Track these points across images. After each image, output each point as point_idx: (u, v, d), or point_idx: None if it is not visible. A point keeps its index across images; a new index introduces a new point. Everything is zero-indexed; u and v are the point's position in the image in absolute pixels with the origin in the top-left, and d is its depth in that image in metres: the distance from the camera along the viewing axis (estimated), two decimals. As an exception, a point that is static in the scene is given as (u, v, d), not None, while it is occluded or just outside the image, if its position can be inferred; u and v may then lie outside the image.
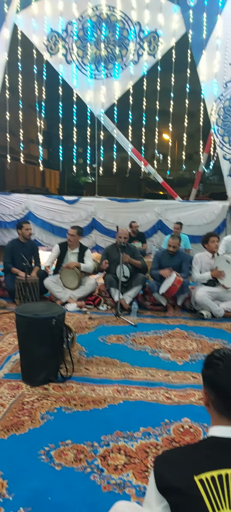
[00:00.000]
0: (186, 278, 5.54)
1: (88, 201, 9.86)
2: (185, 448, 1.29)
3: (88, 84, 9.83)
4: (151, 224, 9.40)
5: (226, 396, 1.28)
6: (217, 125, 9.54)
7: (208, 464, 1.18)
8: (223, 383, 1.28)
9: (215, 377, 1.30)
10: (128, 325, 4.91)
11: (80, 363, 3.72)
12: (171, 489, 1.17)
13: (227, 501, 1.12)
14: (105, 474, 2.22)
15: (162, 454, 1.30)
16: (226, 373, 1.28)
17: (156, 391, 3.21)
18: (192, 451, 1.27)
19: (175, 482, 1.17)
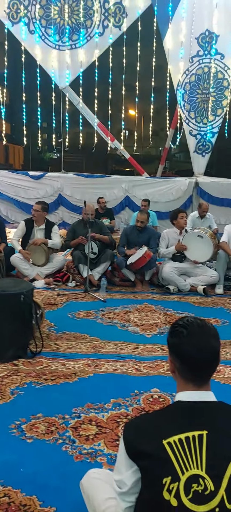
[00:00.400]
0: (154, 253, 5.63)
1: (54, 176, 9.68)
2: (153, 414, 1.34)
3: (52, 55, 9.51)
4: (118, 200, 9.40)
5: (190, 362, 1.32)
6: (183, 100, 9.58)
7: (175, 428, 1.22)
8: (186, 350, 1.32)
9: (179, 344, 1.34)
10: (97, 300, 4.93)
11: (50, 338, 3.71)
12: (140, 454, 1.21)
13: (194, 461, 1.17)
14: (77, 444, 2.26)
15: (130, 421, 1.33)
16: (189, 340, 1.31)
17: (125, 364, 3.27)
18: (159, 416, 1.31)
19: (144, 447, 1.21)
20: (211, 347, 1.31)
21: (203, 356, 1.30)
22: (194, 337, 1.31)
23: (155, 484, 1.16)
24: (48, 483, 1.95)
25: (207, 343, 1.31)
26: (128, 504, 1.25)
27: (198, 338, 1.31)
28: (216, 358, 1.34)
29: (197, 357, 1.30)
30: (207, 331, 1.34)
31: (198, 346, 1.30)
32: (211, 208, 8.85)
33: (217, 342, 1.34)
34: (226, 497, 1.13)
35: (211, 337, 1.33)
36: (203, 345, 1.30)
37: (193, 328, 1.34)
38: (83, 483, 1.60)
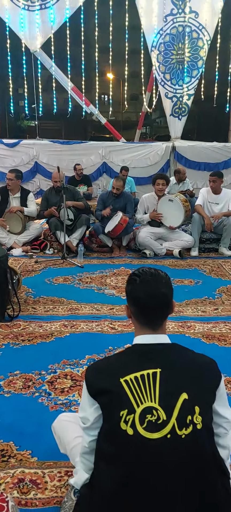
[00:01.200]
0: (131, 218, 5.72)
1: (29, 144, 9.52)
2: (111, 357, 1.47)
3: (21, 17, 9.16)
4: (95, 167, 9.35)
5: (141, 307, 1.46)
6: (158, 61, 9.43)
7: (131, 367, 1.36)
8: (138, 296, 1.45)
9: (132, 290, 1.48)
10: (75, 266, 5.03)
11: (27, 303, 3.82)
12: (100, 392, 1.35)
13: (148, 395, 1.31)
14: (53, 396, 2.41)
15: (91, 365, 1.47)
16: (141, 287, 1.45)
17: (101, 323, 3.42)
18: (118, 358, 1.45)
19: (104, 385, 1.35)
20: (161, 294, 1.44)
21: (153, 301, 1.43)
22: (146, 284, 1.44)
23: (113, 417, 1.30)
24: (24, 430, 2.10)
25: (157, 289, 1.44)
26: (92, 437, 1.39)
27: (149, 285, 1.44)
28: (166, 304, 1.47)
29: (148, 302, 1.43)
30: (159, 279, 1.47)
31: (148, 292, 1.43)
32: (188, 172, 8.95)
33: (167, 290, 1.47)
34: (176, 425, 1.28)
35: (162, 284, 1.46)
36: (153, 291, 1.43)
37: (145, 276, 1.47)
38: (55, 426, 1.76)
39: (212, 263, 5.27)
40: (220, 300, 4.01)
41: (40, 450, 1.95)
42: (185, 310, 3.74)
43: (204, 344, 3.10)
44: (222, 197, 5.71)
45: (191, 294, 4.13)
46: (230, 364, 2.80)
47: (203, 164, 9.38)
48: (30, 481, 1.78)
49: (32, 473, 1.82)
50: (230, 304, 3.89)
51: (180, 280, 4.60)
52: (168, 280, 1.50)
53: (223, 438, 1.43)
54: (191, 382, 1.35)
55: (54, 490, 1.73)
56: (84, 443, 1.42)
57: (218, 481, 1.33)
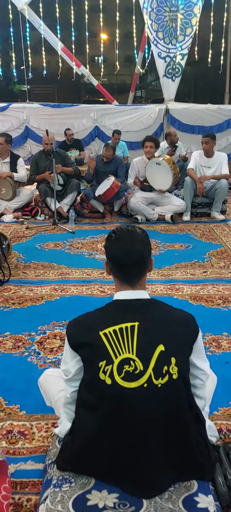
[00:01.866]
0: (122, 183, 5.69)
1: (19, 107, 9.26)
2: (92, 312, 1.52)
3: None
4: (87, 131, 9.17)
5: (118, 263, 1.50)
6: (151, 19, 9.10)
7: (110, 321, 1.42)
8: (114, 253, 1.50)
9: (109, 247, 1.53)
10: (66, 232, 5.05)
11: (18, 268, 3.86)
12: (81, 345, 1.41)
13: (126, 347, 1.37)
14: (42, 355, 2.49)
15: (73, 320, 1.52)
16: (117, 243, 1.49)
17: (91, 287, 3.47)
18: (98, 313, 1.50)
19: (84, 339, 1.41)
20: (136, 251, 1.47)
21: (129, 258, 1.47)
22: (121, 241, 1.48)
23: (93, 368, 1.37)
24: (14, 387, 2.19)
25: (133, 247, 1.47)
26: (73, 388, 1.46)
27: (125, 242, 1.48)
28: (142, 261, 1.49)
29: (123, 259, 1.47)
30: (135, 236, 1.49)
31: (124, 250, 1.47)
32: (182, 136, 8.83)
33: (143, 246, 1.50)
34: (153, 375, 1.35)
35: (138, 242, 1.49)
36: (128, 248, 1.47)
37: (121, 233, 1.50)
38: (40, 381, 1.84)
39: (203, 227, 5.30)
40: (210, 263, 4.07)
41: (29, 405, 2.04)
42: (174, 274, 3.80)
43: (191, 305, 3.18)
44: (214, 160, 5.67)
45: (181, 258, 4.19)
46: (215, 323, 2.88)
47: (197, 128, 9.22)
48: (18, 432, 1.87)
49: (20, 425, 1.91)
50: (219, 267, 3.95)
51: (171, 244, 4.64)
52: (145, 238, 1.53)
53: (200, 389, 1.51)
54: (168, 334, 1.41)
55: (41, 440, 1.83)
56: (67, 394, 1.49)
57: (193, 426, 1.41)
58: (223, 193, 5.59)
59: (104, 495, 1.34)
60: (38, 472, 1.64)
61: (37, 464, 1.69)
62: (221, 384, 2.13)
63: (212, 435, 1.58)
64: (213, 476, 1.46)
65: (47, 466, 1.51)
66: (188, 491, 1.38)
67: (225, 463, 1.53)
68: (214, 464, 1.47)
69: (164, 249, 4.50)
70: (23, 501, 1.53)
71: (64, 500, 1.33)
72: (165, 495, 1.36)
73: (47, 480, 1.44)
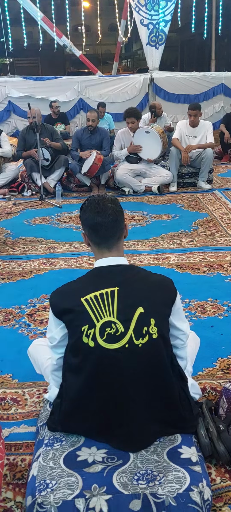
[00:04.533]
0: (107, 155, 5.67)
1: (1, 82, 9.07)
2: (73, 281, 1.58)
3: None
4: (72, 103, 9.03)
5: (92, 226, 1.55)
6: (131, -17, 8.89)
7: (91, 288, 1.48)
8: (88, 216, 1.55)
9: (82, 214, 1.59)
10: (53, 207, 5.05)
11: (6, 244, 3.88)
12: (63, 312, 1.47)
13: (107, 311, 1.44)
14: (32, 327, 2.55)
15: (56, 289, 1.57)
16: (89, 207, 1.56)
17: (79, 260, 3.52)
18: (79, 281, 1.56)
19: (66, 305, 1.47)
20: (108, 208, 1.53)
21: (101, 216, 1.52)
22: (92, 204, 1.55)
23: (76, 332, 1.44)
24: (5, 358, 2.25)
25: (104, 206, 1.53)
26: (59, 355, 1.53)
27: (97, 203, 1.55)
28: (115, 220, 1.54)
29: (97, 219, 1.53)
30: (106, 198, 1.57)
31: (96, 209, 1.53)
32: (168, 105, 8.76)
33: (114, 205, 1.56)
34: (133, 336, 1.42)
35: (108, 201, 1.55)
36: (100, 208, 1.53)
37: (93, 199, 1.58)
38: (30, 350, 1.92)
39: (190, 197, 5.34)
40: (196, 232, 4.14)
41: (21, 374, 2.11)
42: (161, 244, 3.86)
43: (177, 273, 3.25)
44: (200, 129, 5.64)
45: (167, 228, 4.24)
46: (201, 290, 2.96)
47: (182, 96, 9.15)
48: (11, 399, 1.95)
49: (13, 393, 1.99)
50: (205, 236, 4.02)
51: (158, 215, 4.68)
52: (115, 199, 1.59)
53: (181, 350, 1.59)
54: (147, 297, 1.48)
55: (33, 406, 1.91)
56: (53, 361, 1.56)
57: (175, 382, 1.50)
58: (209, 162, 5.61)
59: (93, 451, 1.43)
60: (31, 434, 1.72)
61: (30, 427, 1.77)
62: (206, 346, 2.25)
63: (195, 393, 1.68)
64: (196, 430, 1.55)
65: (39, 428, 1.59)
66: (172, 443, 1.48)
67: (207, 417, 1.63)
68: (197, 418, 1.57)
69: (151, 220, 4.55)
70: (17, 461, 1.61)
71: (55, 457, 1.41)
72: (151, 448, 1.45)
73: (39, 440, 1.52)
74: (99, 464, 1.38)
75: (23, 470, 1.57)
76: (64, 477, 1.33)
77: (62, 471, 1.36)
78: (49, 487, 1.30)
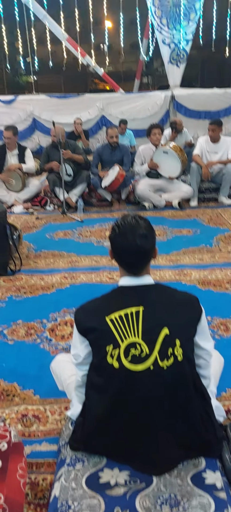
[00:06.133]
0: (128, 171, 5.71)
1: (26, 100, 9.31)
2: (98, 298, 1.57)
3: None
4: (94, 120, 9.17)
5: (119, 257, 1.55)
6: (154, 5, 8.99)
7: (116, 307, 1.46)
8: (116, 247, 1.54)
9: (112, 241, 1.56)
10: (75, 221, 5.10)
11: (29, 258, 3.93)
12: (88, 330, 1.46)
13: (132, 331, 1.42)
14: (54, 342, 2.56)
15: (80, 306, 1.57)
16: (118, 239, 1.52)
17: (100, 274, 3.53)
18: (104, 299, 1.55)
19: (91, 324, 1.46)
20: (138, 246, 1.48)
21: (130, 254, 1.50)
22: (122, 237, 1.50)
23: (100, 352, 1.42)
24: (27, 373, 2.26)
25: (134, 242, 1.48)
26: (83, 372, 1.52)
27: (126, 238, 1.49)
28: (144, 255, 1.52)
29: (124, 254, 1.52)
30: (137, 231, 1.49)
31: (125, 246, 1.50)
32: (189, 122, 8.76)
33: (145, 241, 1.50)
34: (158, 357, 1.40)
35: (139, 237, 1.48)
36: (130, 244, 1.49)
37: (124, 228, 1.52)
38: (52, 365, 1.92)
39: (211, 212, 5.30)
40: (218, 247, 4.08)
41: (42, 389, 2.11)
42: (182, 259, 3.83)
43: (199, 290, 3.21)
44: (220, 145, 5.64)
45: (188, 243, 4.21)
46: (223, 307, 2.91)
47: (203, 113, 9.15)
48: (33, 416, 1.95)
49: (34, 409, 1.99)
50: (227, 251, 3.96)
51: (179, 230, 4.66)
52: (148, 232, 1.52)
53: (205, 369, 1.55)
54: (172, 317, 1.45)
55: (54, 423, 1.90)
56: (78, 377, 1.55)
57: (198, 404, 1.46)
58: (230, 177, 5.57)
59: (115, 473, 1.41)
60: (52, 453, 1.71)
61: (52, 445, 1.76)
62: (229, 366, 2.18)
63: (220, 415, 1.63)
64: (221, 453, 1.51)
65: (61, 447, 1.57)
66: (196, 468, 1.43)
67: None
68: (221, 442, 1.52)
69: (171, 235, 4.52)
70: (39, 480, 1.60)
71: (77, 478, 1.40)
72: (174, 472, 1.41)
73: (61, 460, 1.50)
74: (121, 487, 1.36)
75: (44, 489, 1.56)
76: (86, 498, 1.32)
77: (84, 493, 1.34)
78: (71, 508, 1.28)
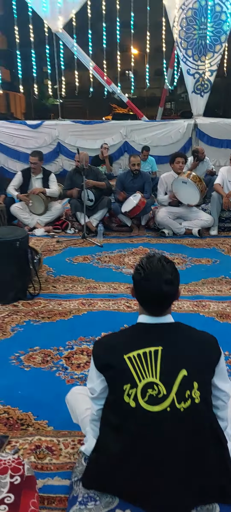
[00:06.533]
0: (149, 198, 5.75)
1: (52, 124, 9.58)
2: (117, 334, 1.57)
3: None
4: (117, 146, 9.32)
5: (142, 300, 1.55)
6: (180, 37, 9.21)
7: (134, 345, 1.46)
8: (140, 291, 1.54)
9: (135, 283, 1.56)
10: (94, 246, 5.14)
11: (48, 282, 3.97)
12: (105, 366, 1.46)
13: (150, 371, 1.41)
14: (69, 371, 2.55)
15: (99, 340, 1.57)
16: (143, 283, 1.51)
17: (117, 302, 3.52)
18: (122, 335, 1.55)
19: (109, 361, 1.46)
20: (161, 293, 1.48)
21: (153, 299, 1.50)
22: (147, 283, 1.50)
23: (117, 390, 1.42)
24: (42, 402, 2.26)
25: (159, 289, 1.47)
26: (99, 406, 1.52)
27: (150, 284, 1.49)
28: (167, 300, 1.52)
29: (147, 299, 1.52)
30: (162, 277, 1.48)
31: (149, 291, 1.50)
32: (211, 150, 8.78)
33: (169, 287, 1.49)
34: (176, 399, 1.38)
35: (165, 283, 1.48)
36: (153, 291, 1.49)
37: (149, 273, 1.50)
38: (68, 397, 1.91)
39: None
40: (237, 279, 4.02)
41: (56, 420, 2.10)
42: (201, 289, 3.78)
43: (217, 323, 3.16)
44: (242, 175, 5.63)
45: (207, 273, 4.16)
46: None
47: (225, 142, 9.18)
48: (46, 447, 1.94)
49: (48, 441, 1.98)
50: (247, 284, 3.89)
51: (198, 259, 4.62)
52: (173, 277, 1.51)
53: (222, 411, 1.52)
54: (191, 359, 1.44)
55: (67, 457, 1.89)
56: (93, 411, 1.55)
57: (214, 448, 1.43)
58: (251, 208, 5.54)
59: (127, 515, 1.38)
60: (64, 488, 1.69)
61: (64, 480, 1.74)
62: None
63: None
64: None
65: (73, 483, 1.56)
66: (210, 514, 1.39)
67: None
68: None
69: (190, 264, 4.49)
70: (49, 516, 1.59)
71: (89, 518, 1.38)
72: (188, 518, 1.38)
73: (73, 497, 1.49)
74: (133, 531, 1.33)
75: (55, 526, 1.54)
76: None
77: (95, 534, 1.32)
78: None
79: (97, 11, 9.53)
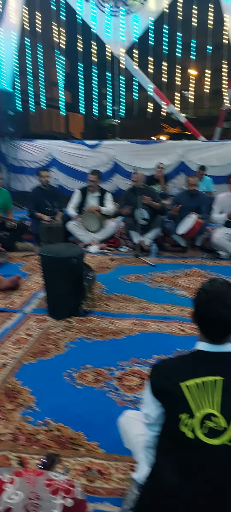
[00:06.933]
0: (205, 219, 5.62)
1: (109, 144, 9.77)
2: (175, 359, 1.51)
3: (107, 23, 9.51)
4: (173, 166, 9.26)
5: (202, 325, 1.49)
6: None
7: (192, 373, 1.40)
8: (200, 315, 1.49)
9: (196, 307, 1.51)
10: (147, 265, 5.11)
11: (101, 299, 4.00)
12: (162, 393, 1.42)
13: (208, 402, 1.35)
14: (121, 392, 2.52)
15: (155, 365, 1.53)
16: (204, 308, 1.47)
17: (170, 324, 3.45)
18: (180, 362, 1.49)
19: (165, 387, 1.42)
20: (224, 318, 1.43)
21: (213, 325, 1.45)
22: (209, 306, 1.45)
23: (173, 419, 1.37)
24: (93, 422, 2.24)
25: (221, 313, 1.42)
26: (154, 433, 1.48)
27: (212, 308, 1.44)
28: (228, 327, 1.45)
29: (208, 325, 1.46)
30: (226, 302, 1.43)
31: (210, 316, 1.45)
32: None
33: (230, 313, 1.43)
34: None
35: (226, 308, 1.42)
36: (214, 316, 1.43)
37: (211, 296, 1.46)
38: (121, 421, 1.87)
39: None
40: None
41: (107, 442, 2.07)
42: None
43: None
44: None
45: None
46: None
47: None
48: (97, 470, 1.91)
49: (99, 464, 1.95)
50: None
51: None
52: None
53: None
54: None
55: (118, 482, 1.84)
56: (148, 437, 1.51)
57: None
58: None
59: None
60: (114, 515, 1.65)
61: (114, 507, 1.70)
62: None
63: None
64: None
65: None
66: None
67: None
68: None
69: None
70: None
71: None
72: None
73: (124, 526, 1.44)
74: None
75: None
76: None
77: None
78: None
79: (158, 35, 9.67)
